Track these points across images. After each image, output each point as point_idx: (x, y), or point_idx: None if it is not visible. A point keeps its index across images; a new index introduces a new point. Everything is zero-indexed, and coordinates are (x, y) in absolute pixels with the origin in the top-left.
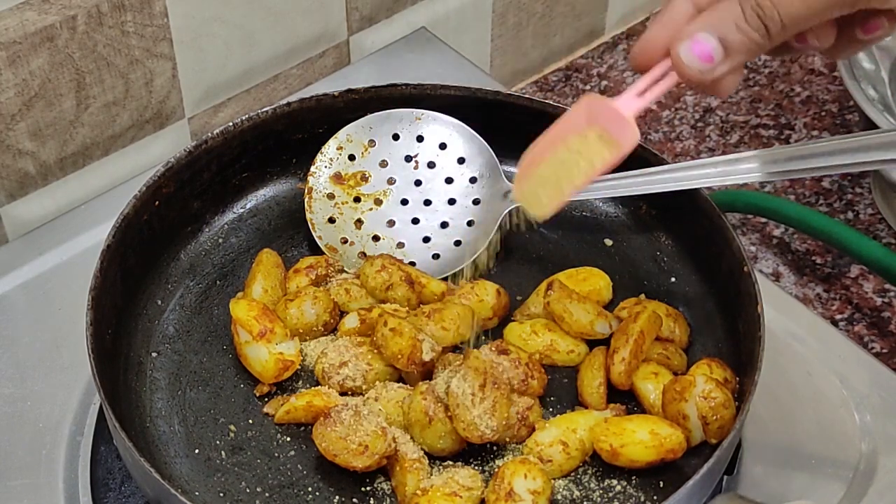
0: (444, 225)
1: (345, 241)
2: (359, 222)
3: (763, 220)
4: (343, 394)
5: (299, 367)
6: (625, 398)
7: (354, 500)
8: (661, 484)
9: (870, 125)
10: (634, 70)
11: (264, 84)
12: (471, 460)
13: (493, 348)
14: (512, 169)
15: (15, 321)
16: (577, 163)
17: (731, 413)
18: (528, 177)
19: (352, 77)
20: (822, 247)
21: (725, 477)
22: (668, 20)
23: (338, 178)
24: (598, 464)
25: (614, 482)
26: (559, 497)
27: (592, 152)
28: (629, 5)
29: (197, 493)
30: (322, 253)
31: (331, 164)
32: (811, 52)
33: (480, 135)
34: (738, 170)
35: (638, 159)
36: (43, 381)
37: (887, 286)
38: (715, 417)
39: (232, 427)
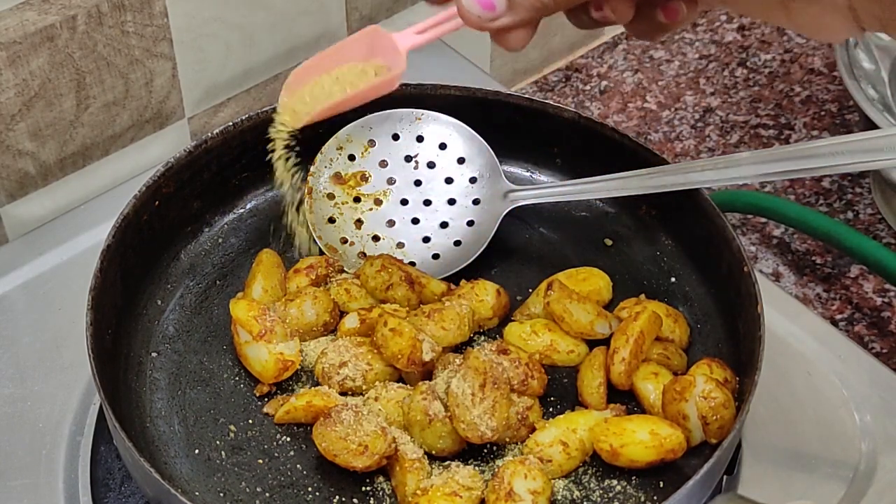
0: (444, 225)
1: (345, 241)
2: (359, 222)
3: (763, 220)
4: (343, 394)
5: (299, 367)
6: (625, 398)
7: (354, 500)
8: (661, 484)
9: (870, 125)
10: (428, 3)
11: (264, 84)
12: (471, 460)
13: (493, 348)
14: (512, 169)
15: (15, 321)
16: (344, 84)
17: (731, 413)
18: (296, 89)
19: None
20: (822, 247)
21: (725, 477)
22: None
23: (338, 178)
24: (598, 464)
25: (614, 482)
26: (559, 497)
27: (361, 77)
28: None
29: (197, 493)
30: (322, 253)
31: (331, 164)
32: (609, 24)
33: (480, 135)
34: (738, 170)
35: (638, 159)
36: (43, 381)
37: (887, 286)
38: (715, 417)
39: (232, 427)
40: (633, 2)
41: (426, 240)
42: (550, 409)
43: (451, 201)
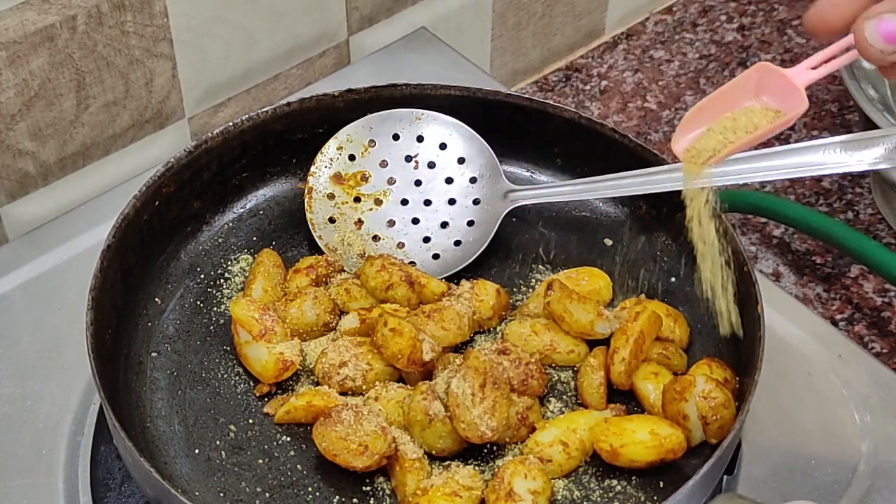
0: (444, 225)
1: (345, 241)
2: (359, 222)
3: (763, 220)
4: (343, 394)
5: (299, 367)
6: (625, 398)
7: (354, 500)
8: (661, 484)
9: (870, 125)
10: (808, 32)
11: (264, 84)
12: (471, 460)
13: (493, 348)
14: (512, 169)
15: (15, 321)
16: (740, 126)
17: (731, 413)
18: (690, 136)
19: (352, 77)
20: (822, 247)
21: (725, 477)
22: None
23: (338, 178)
24: (598, 464)
25: (614, 482)
26: (559, 497)
27: (757, 118)
28: (629, 5)
29: (197, 493)
30: (322, 253)
31: (331, 164)
32: None
33: (480, 135)
34: (739, 170)
35: (638, 159)
36: (43, 381)
37: (887, 286)
38: (715, 417)
39: (232, 427)
40: None
41: (426, 240)
42: (550, 409)
43: (452, 201)
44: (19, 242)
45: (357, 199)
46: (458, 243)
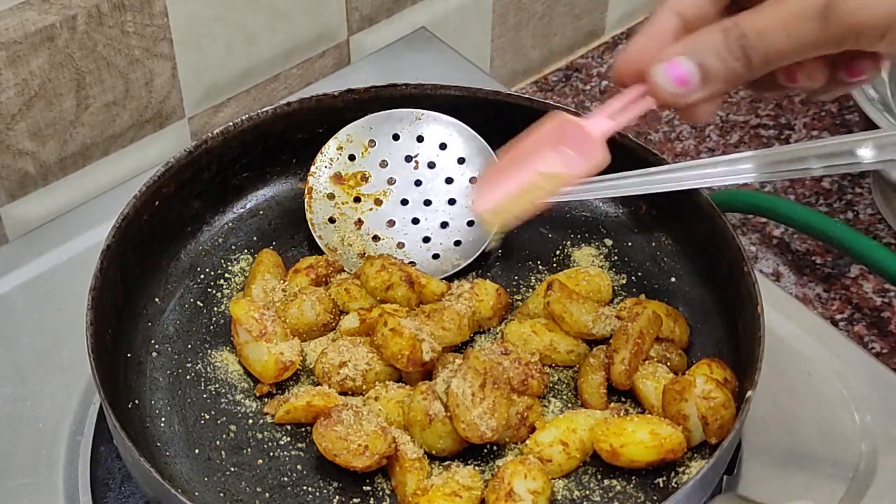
0: (444, 225)
1: (345, 241)
2: (359, 222)
3: (763, 220)
4: (343, 394)
5: (299, 367)
6: (625, 398)
7: (354, 500)
8: (661, 484)
9: (870, 125)
10: (617, 83)
11: (264, 84)
12: (471, 460)
13: (494, 348)
14: None
15: (15, 321)
16: (541, 183)
17: (731, 413)
18: (494, 195)
19: (352, 77)
20: (822, 247)
21: (725, 477)
22: (654, 33)
23: (338, 178)
24: (598, 464)
25: (614, 482)
26: (559, 497)
27: (557, 173)
28: (629, 5)
29: (197, 493)
30: (322, 253)
31: (331, 164)
32: (798, 92)
33: (480, 135)
34: (738, 170)
35: (638, 159)
36: (43, 381)
37: (887, 286)
38: (715, 417)
39: (232, 427)
40: (827, 64)
41: (426, 240)
42: (550, 409)
43: (452, 201)
44: (19, 242)
45: (357, 199)
46: (458, 243)
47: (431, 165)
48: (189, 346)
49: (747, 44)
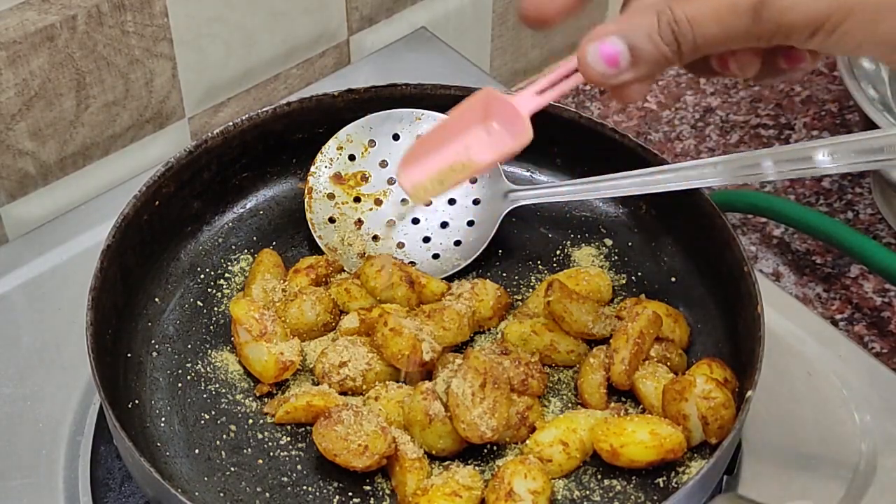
0: (444, 225)
1: (345, 241)
2: (359, 222)
3: (763, 220)
4: (343, 394)
5: (299, 367)
6: (625, 398)
7: (354, 500)
8: (661, 484)
9: (870, 125)
10: (522, 22)
11: (264, 84)
12: (471, 460)
13: (494, 348)
14: (513, 169)
15: (15, 321)
16: (466, 158)
17: (731, 413)
18: (418, 169)
19: (352, 77)
20: (822, 247)
21: (725, 477)
22: None
23: (338, 178)
24: (598, 464)
25: (614, 482)
26: (559, 497)
27: (483, 147)
28: None
29: (197, 493)
30: (322, 253)
31: (331, 164)
32: (732, 77)
33: None
34: (739, 170)
35: (638, 159)
36: (43, 381)
37: (887, 286)
38: (715, 417)
39: (232, 427)
40: (760, 55)
41: (426, 240)
42: (550, 409)
43: (451, 201)
44: (19, 242)
45: (357, 199)
46: (458, 243)
47: None
48: (189, 346)
49: (678, 30)
